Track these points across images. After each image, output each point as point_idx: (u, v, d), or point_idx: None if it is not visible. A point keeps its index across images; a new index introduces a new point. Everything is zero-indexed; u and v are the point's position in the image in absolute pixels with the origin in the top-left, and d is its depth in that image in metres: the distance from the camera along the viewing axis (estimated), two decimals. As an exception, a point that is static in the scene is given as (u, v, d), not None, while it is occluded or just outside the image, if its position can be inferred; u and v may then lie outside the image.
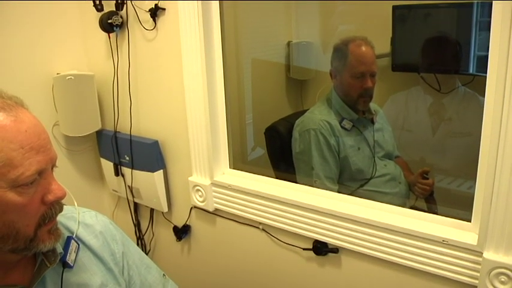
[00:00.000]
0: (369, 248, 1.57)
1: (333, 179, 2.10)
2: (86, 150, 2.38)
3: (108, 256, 1.27)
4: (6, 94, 0.99)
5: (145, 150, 2.07)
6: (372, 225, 1.54)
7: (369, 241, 1.56)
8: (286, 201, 1.73)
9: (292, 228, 1.74)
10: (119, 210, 2.48)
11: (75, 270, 1.18)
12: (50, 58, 2.15)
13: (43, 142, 0.97)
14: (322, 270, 1.76)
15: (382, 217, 1.53)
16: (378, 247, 1.55)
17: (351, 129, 2.12)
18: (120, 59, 2.09)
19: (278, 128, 2.30)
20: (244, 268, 2.01)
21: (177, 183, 2.11)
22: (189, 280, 2.19)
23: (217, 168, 1.93)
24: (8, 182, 0.92)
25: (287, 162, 2.21)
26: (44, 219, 1.01)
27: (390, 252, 1.52)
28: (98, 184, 2.49)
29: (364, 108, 2.14)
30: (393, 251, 1.51)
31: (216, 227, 2.04)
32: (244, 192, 1.83)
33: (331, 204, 1.65)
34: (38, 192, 0.98)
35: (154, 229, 2.34)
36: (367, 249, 1.57)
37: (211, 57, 1.81)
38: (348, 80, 2.09)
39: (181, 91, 1.88)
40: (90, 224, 1.28)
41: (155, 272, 1.44)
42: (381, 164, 2.16)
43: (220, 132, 1.91)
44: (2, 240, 0.97)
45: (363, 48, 2.07)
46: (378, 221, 1.52)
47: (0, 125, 0.92)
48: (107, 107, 2.25)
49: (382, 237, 1.52)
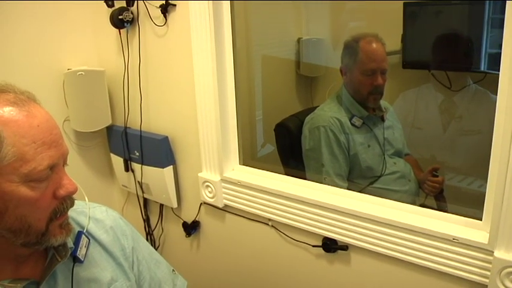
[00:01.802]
0: (379, 246, 1.56)
1: (343, 176, 2.09)
2: (96, 146, 2.39)
3: (118, 251, 1.28)
4: (19, 89, 1.00)
5: (155, 146, 2.08)
6: (382, 223, 1.53)
7: (378, 238, 1.55)
8: (296, 198, 1.72)
9: (302, 225, 1.74)
10: (128, 206, 2.49)
11: (85, 265, 1.19)
12: (61, 54, 2.16)
13: (55, 137, 0.97)
14: (331, 267, 1.75)
15: (392, 215, 1.53)
16: (387, 245, 1.54)
17: (361, 126, 2.11)
18: (130, 54, 2.10)
19: (288, 125, 2.29)
20: (253, 264, 2.01)
21: (186, 179, 2.12)
22: (198, 276, 2.20)
23: (227, 165, 1.93)
24: (20, 176, 0.93)
25: (297, 159, 2.20)
26: (56, 214, 1.02)
27: (400, 250, 1.51)
28: (107, 179, 2.50)
29: (374, 106, 2.14)
30: (403, 249, 1.51)
31: (225, 223, 2.05)
32: (254, 188, 1.83)
33: (341, 201, 1.64)
34: (50, 186, 0.99)
35: (164, 225, 2.34)
36: (377, 247, 1.57)
37: (222, 54, 1.81)
38: (359, 77, 2.09)
39: (192, 87, 1.88)
40: (100, 219, 1.29)
41: (164, 267, 1.44)
42: (390, 162, 2.15)
43: (230, 128, 1.91)
44: (14, 234, 0.98)
45: (374, 45, 2.07)
46: (388, 218, 1.51)
47: (13, 119, 0.92)
48: (117, 103, 2.26)
49: (392, 234, 1.52)
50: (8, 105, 0.94)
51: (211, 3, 1.73)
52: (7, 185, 0.93)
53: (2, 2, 1.90)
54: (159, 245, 2.38)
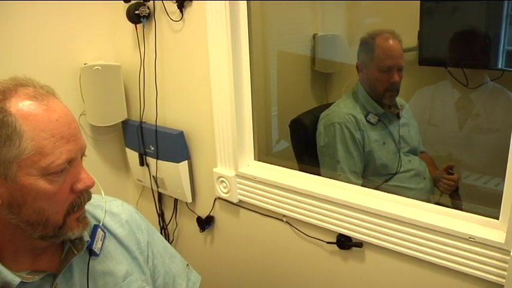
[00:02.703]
0: (394, 243, 1.55)
1: (357, 174, 2.09)
2: (111, 140, 2.41)
3: (134, 245, 1.29)
4: (38, 83, 1.01)
5: (171, 140, 2.08)
6: (397, 220, 1.52)
7: (393, 236, 1.54)
8: (310, 194, 1.72)
9: (316, 222, 1.73)
10: (143, 200, 2.50)
11: (101, 258, 1.20)
12: (78, 48, 2.18)
13: (73, 131, 0.98)
14: (345, 265, 1.75)
15: (408, 212, 1.52)
16: (402, 242, 1.53)
17: (377, 123, 2.11)
18: (146, 49, 2.10)
19: (303, 121, 2.29)
20: (267, 260, 2.02)
21: (201, 174, 2.12)
22: (212, 271, 2.20)
23: (242, 160, 1.93)
24: (39, 170, 0.94)
25: (311, 155, 2.20)
26: (73, 207, 1.03)
27: (415, 248, 1.50)
28: (122, 174, 2.51)
29: (390, 103, 2.13)
30: (418, 247, 1.50)
31: (239, 218, 2.05)
32: (269, 184, 1.83)
33: (356, 198, 1.64)
34: (68, 180, 0.99)
35: (178, 219, 2.35)
36: (392, 245, 1.56)
37: (238, 49, 1.81)
38: (375, 73, 2.08)
39: (207, 82, 1.89)
40: (116, 213, 1.30)
41: (179, 262, 1.45)
42: (405, 159, 2.14)
43: (245, 123, 1.91)
44: (32, 226, 0.99)
45: (391, 41, 2.06)
46: (403, 216, 1.50)
47: (32, 113, 0.93)
48: (132, 98, 2.27)
49: (407, 232, 1.51)
50: (27, 99, 0.95)
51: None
52: (26, 178, 0.94)
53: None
54: (173, 240, 2.39)
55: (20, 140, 0.91)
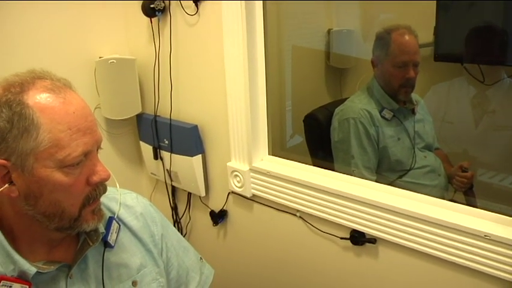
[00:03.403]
0: (408, 240, 1.54)
1: (371, 169, 2.08)
2: (126, 134, 2.42)
3: (148, 237, 1.30)
4: (55, 76, 1.02)
5: (185, 134, 2.09)
6: (411, 217, 1.51)
7: (408, 233, 1.53)
8: (324, 190, 1.71)
9: (330, 217, 1.73)
10: (156, 193, 2.51)
11: (115, 250, 1.21)
12: (93, 42, 2.19)
13: (90, 124, 0.99)
14: (358, 260, 1.74)
15: (423, 209, 1.51)
16: (417, 239, 1.52)
17: (391, 119, 2.09)
18: (161, 43, 2.10)
19: (317, 116, 2.28)
20: (280, 254, 2.02)
21: (215, 168, 2.12)
22: (225, 264, 2.21)
23: (256, 154, 1.93)
24: (55, 162, 0.95)
25: (325, 150, 2.19)
26: (89, 200, 1.04)
27: (429, 245, 1.49)
28: (136, 167, 2.52)
29: (405, 99, 2.11)
30: (433, 244, 1.49)
31: (253, 213, 2.05)
32: (283, 179, 1.83)
33: (370, 193, 1.63)
34: (84, 173, 1.00)
35: (191, 213, 2.36)
36: (406, 241, 1.55)
37: (253, 43, 1.81)
38: (390, 69, 2.07)
39: (222, 76, 1.88)
40: (131, 205, 1.31)
41: (192, 255, 1.45)
42: (420, 156, 2.12)
43: (260, 118, 1.91)
44: (49, 218, 1.01)
45: (406, 37, 2.04)
46: (418, 212, 1.49)
47: (49, 106, 0.94)
48: (147, 91, 2.27)
49: (422, 229, 1.50)
50: (44, 92, 0.95)
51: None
52: (42, 170, 0.95)
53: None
54: (186, 233, 2.40)
55: (37, 132, 0.92)
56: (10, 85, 0.96)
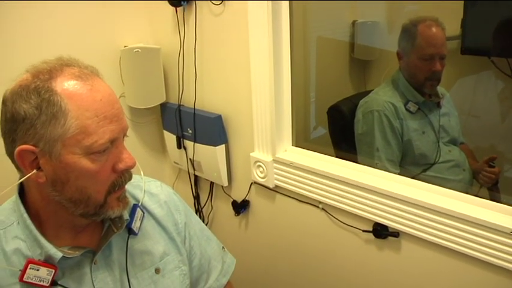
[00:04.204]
0: (432, 235, 1.52)
1: (395, 162, 2.06)
2: (150, 122, 2.43)
3: (171, 226, 1.31)
4: (83, 63, 1.03)
5: (209, 124, 2.09)
6: (436, 211, 1.49)
7: (432, 227, 1.51)
8: (348, 182, 1.70)
9: (353, 209, 1.72)
10: (179, 182, 2.52)
11: (139, 237, 1.23)
12: (118, 31, 2.20)
13: (116, 111, 1.00)
14: (380, 254, 1.73)
15: (447, 203, 1.48)
16: (440, 234, 1.50)
17: (416, 112, 2.08)
18: (186, 33, 2.10)
19: (341, 108, 2.27)
20: (302, 246, 2.01)
21: (238, 158, 2.13)
22: (246, 254, 2.21)
23: (280, 145, 1.92)
24: (82, 149, 0.96)
25: (349, 143, 2.19)
26: (114, 187, 1.05)
27: (453, 240, 1.47)
28: (160, 156, 2.54)
29: (431, 92, 2.09)
30: (456, 239, 1.46)
31: (275, 203, 2.05)
32: (306, 170, 1.82)
33: (394, 186, 1.61)
34: (110, 160, 1.02)
35: (213, 202, 2.37)
36: (429, 235, 1.53)
37: (279, 33, 1.80)
38: (416, 62, 2.05)
39: (247, 66, 1.88)
40: (155, 193, 1.32)
41: (215, 244, 1.46)
42: (445, 150, 2.10)
43: (284, 109, 1.90)
44: (74, 204, 1.02)
45: (433, 29, 2.02)
46: (442, 206, 1.47)
47: (77, 93, 0.95)
48: (171, 80, 2.28)
49: (446, 224, 1.48)
50: (72, 79, 0.96)
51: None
52: (69, 157, 0.96)
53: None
54: (207, 223, 2.41)
55: (65, 119, 0.93)
56: (39, 72, 0.97)
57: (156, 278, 1.23)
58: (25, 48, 1.88)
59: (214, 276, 1.43)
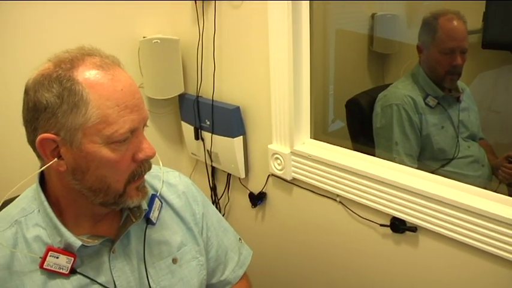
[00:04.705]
0: (450, 230, 1.51)
1: (413, 157, 2.05)
2: (168, 113, 2.44)
3: (189, 216, 1.31)
4: (104, 53, 1.03)
5: (227, 115, 2.09)
6: (455, 207, 1.47)
7: (450, 223, 1.50)
8: (366, 175, 1.69)
9: (371, 203, 1.71)
10: (196, 174, 2.53)
11: (157, 227, 1.23)
12: (137, 22, 2.20)
13: (137, 101, 1.00)
14: (398, 248, 1.72)
15: (467, 199, 1.47)
16: (459, 229, 1.48)
17: (436, 106, 2.05)
18: (205, 24, 2.10)
19: (360, 101, 2.25)
20: (318, 239, 2.01)
21: (255, 150, 2.13)
22: (262, 246, 2.22)
23: (298, 138, 1.92)
24: (102, 138, 0.96)
25: (367, 136, 2.17)
26: (134, 177, 1.05)
27: (472, 236, 1.46)
28: (177, 147, 2.55)
29: (451, 86, 2.07)
30: (475, 235, 1.45)
31: (292, 196, 2.05)
32: (324, 163, 1.81)
33: (412, 181, 1.60)
34: (130, 150, 1.02)
35: (230, 194, 2.37)
36: (448, 231, 1.51)
37: (299, 25, 1.78)
38: (436, 55, 2.02)
39: (266, 58, 1.87)
40: (173, 183, 1.33)
41: (232, 235, 1.47)
42: (464, 145, 2.08)
43: (303, 101, 1.89)
44: (94, 193, 1.03)
45: (455, 22, 1.99)
46: (461, 202, 1.45)
47: (98, 82, 0.95)
48: (190, 72, 2.28)
49: (465, 219, 1.46)
50: (94, 69, 0.97)
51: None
52: (90, 146, 0.97)
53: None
54: (224, 214, 2.42)
55: (86, 108, 0.94)
56: (61, 61, 0.98)
57: (173, 268, 1.24)
58: (46, 38, 1.90)
59: (231, 267, 1.43)
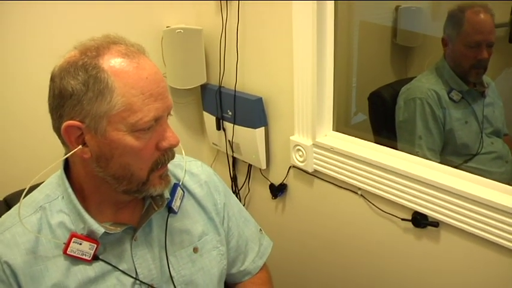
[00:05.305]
0: (473, 226, 1.49)
1: (436, 152, 2.02)
2: (190, 103, 2.45)
3: (211, 206, 1.32)
4: (129, 41, 1.04)
5: (249, 106, 2.09)
6: (479, 203, 1.45)
7: (473, 218, 1.48)
8: (388, 169, 1.67)
9: (392, 197, 1.69)
10: (217, 164, 2.54)
11: (179, 216, 1.24)
12: (160, 11, 2.21)
13: (162, 90, 1.01)
14: (419, 243, 1.71)
15: (490, 195, 1.44)
16: (482, 226, 1.46)
17: (460, 101, 2.03)
18: (229, 14, 2.10)
19: (382, 94, 2.24)
20: (338, 231, 2.01)
21: (277, 141, 2.12)
22: (282, 238, 2.22)
23: (320, 130, 1.91)
24: (127, 126, 0.97)
25: (389, 130, 2.15)
26: (157, 165, 1.06)
27: (495, 233, 1.43)
28: (198, 137, 2.56)
29: (476, 80, 2.04)
30: (498, 232, 1.42)
31: (313, 188, 2.04)
32: (346, 155, 1.80)
33: (435, 175, 1.58)
34: (154, 138, 1.02)
35: (251, 185, 2.38)
36: (471, 227, 1.49)
37: (323, 16, 1.77)
38: (462, 49, 1.99)
39: (289, 49, 1.86)
40: (195, 173, 1.33)
41: (252, 226, 1.47)
42: (488, 141, 2.05)
43: (326, 93, 1.87)
44: (118, 180, 1.03)
45: (482, 15, 1.95)
46: (485, 198, 1.43)
47: (123, 70, 0.96)
48: (212, 62, 2.28)
49: (488, 215, 1.44)
50: (119, 57, 0.97)
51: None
52: (114, 134, 0.97)
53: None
54: (244, 205, 2.41)
55: (111, 95, 0.94)
56: (86, 49, 0.98)
57: (194, 257, 1.24)
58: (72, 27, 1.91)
59: (251, 257, 1.44)
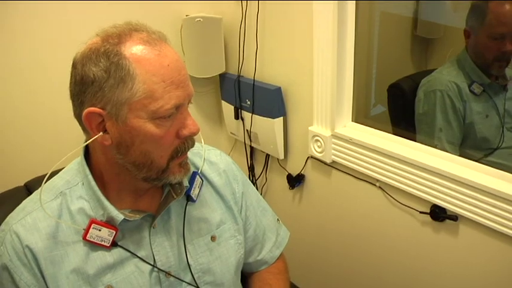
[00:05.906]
0: (492, 221, 1.47)
1: (455, 145, 2.01)
2: (208, 92, 2.45)
3: (229, 195, 1.32)
4: (151, 29, 1.04)
5: (268, 96, 2.08)
6: (498, 197, 1.43)
7: (493, 213, 1.46)
8: (408, 161, 1.66)
9: (411, 190, 1.68)
10: (234, 153, 2.54)
11: (197, 204, 1.24)
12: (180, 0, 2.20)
13: (183, 78, 1.00)
14: (437, 237, 1.70)
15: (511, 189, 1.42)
16: (502, 221, 1.45)
17: (481, 94, 2.00)
18: (249, 3, 2.09)
19: (402, 86, 2.22)
20: (355, 223, 2.00)
21: (295, 131, 2.11)
22: (298, 228, 2.22)
23: (339, 120, 1.89)
24: (148, 113, 0.97)
25: (408, 122, 2.14)
26: (177, 153, 1.06)
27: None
28: (216, 126, 2.56)
29: (498, 73, 2.01)
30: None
31: (331, 179, 2.03)
32: (365, 147, 1.79)
33: (455, 168, 1.56)
34: (174, 126, 1.02)
35: (268, 175, 2.37)
36: (490, 222, 1.48)
37: (344, 6, 1.75)
38: (485, 40, 1.96)
39: (310, 38, 1.85)
40: (214, 162, 1.33)
41: (270, 216, 1.47)
42: (508, 136, 2.03)
43: (346, 84, 1.86)
44: (138, 168, 1.04)
45: (506, 6, 1.92)
46: (506, 192, 1.41)
47: (145, 58, 0.96)
48: (232, 51, 2.28)
49: (509, 210, 1.42)
50: (141, 44, 0.97)
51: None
52: (135, 121, 0.97)
53: None
54: (261, 194, 2.39)
55: (133, 83, 0.94)
56: (108, 36, 0.98)
57: (211, 245, 1.25)
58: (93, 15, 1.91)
59: (268, 247, 1.44)
